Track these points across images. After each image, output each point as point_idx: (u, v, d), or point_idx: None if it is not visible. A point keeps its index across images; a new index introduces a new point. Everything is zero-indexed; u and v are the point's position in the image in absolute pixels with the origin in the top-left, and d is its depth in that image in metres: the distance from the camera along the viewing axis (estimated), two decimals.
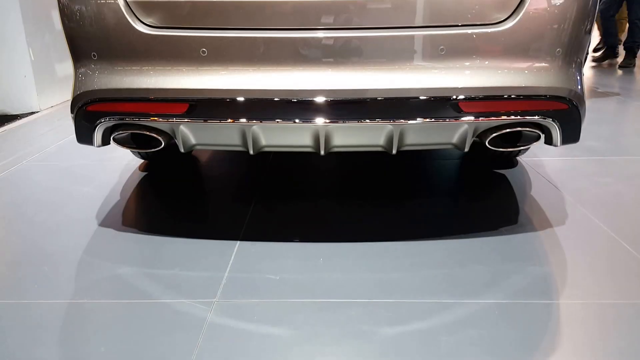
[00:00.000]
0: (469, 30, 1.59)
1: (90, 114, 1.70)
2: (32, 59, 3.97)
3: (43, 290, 1.62)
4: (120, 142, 1.82)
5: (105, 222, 2.06)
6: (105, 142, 1.76)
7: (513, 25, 1.58)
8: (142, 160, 2.72)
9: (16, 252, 1.88)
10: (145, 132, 1.74)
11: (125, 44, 1.63)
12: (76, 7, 1.64)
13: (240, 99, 1.61)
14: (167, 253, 1.82)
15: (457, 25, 1.59)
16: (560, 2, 1.58)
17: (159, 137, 1.74)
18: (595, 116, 3.57)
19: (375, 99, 1.60)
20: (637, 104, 4.12)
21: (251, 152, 1.74)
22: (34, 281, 1.67)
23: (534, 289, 1.56)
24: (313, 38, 1.60)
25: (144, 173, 2.61)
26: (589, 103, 1.74)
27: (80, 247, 1.88)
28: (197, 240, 1.89)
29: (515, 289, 1.56)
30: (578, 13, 1.60)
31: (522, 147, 2.00)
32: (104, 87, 1.67)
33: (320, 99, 1.59)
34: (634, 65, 5.78)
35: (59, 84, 4.29)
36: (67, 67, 4.10)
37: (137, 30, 1.61)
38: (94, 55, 1.67)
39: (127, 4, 1.61)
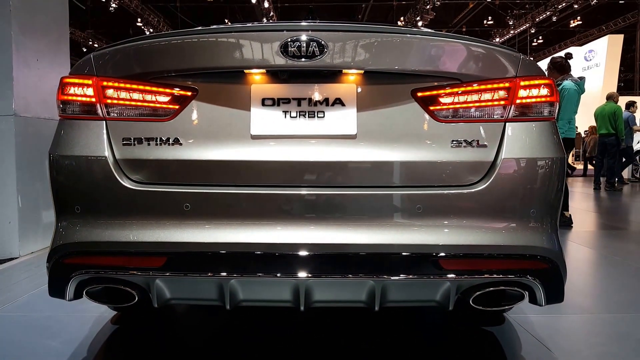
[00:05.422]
0: (444, 191, 1.65)
1: (66, 267, 1.66)
2: (20, 205, 4.00)
3: None
4: (93, 296, 1.76)
5: None
6: (77, 296, 1.70)
7: (486, 187, 1.64)
8: (115, 312, 2.59)
9: None
10: (119, 287, 1.68)
11: (110, 199, 1.66)
12: (66, 162, 1.69)
13: (222, 252, 1.60)
14: None
15: (432, 186, 1.66)
16: (531, 165, 1.66)
17: (133, 292, 1.68)
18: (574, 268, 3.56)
19: (357, 254, 1.60)
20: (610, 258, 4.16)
21: (228, 307, 1.67)
22: None
23: None
24: (295, 195, 1.64)
25: (116, 326, 2.47)
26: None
27: None
28: None
29: None
30: (548, 175, 1.68)
31: (506, 307, 1.95)
32: (83, 239, 1.66)
33: (301, 254, 1.59)
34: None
35: (42, 230, 4.25)
36: (53, 213, 4.08)
37: (123, 186, 1.65)
38: (77, 209, 1.68)
39: (116, 161, 1.67)
